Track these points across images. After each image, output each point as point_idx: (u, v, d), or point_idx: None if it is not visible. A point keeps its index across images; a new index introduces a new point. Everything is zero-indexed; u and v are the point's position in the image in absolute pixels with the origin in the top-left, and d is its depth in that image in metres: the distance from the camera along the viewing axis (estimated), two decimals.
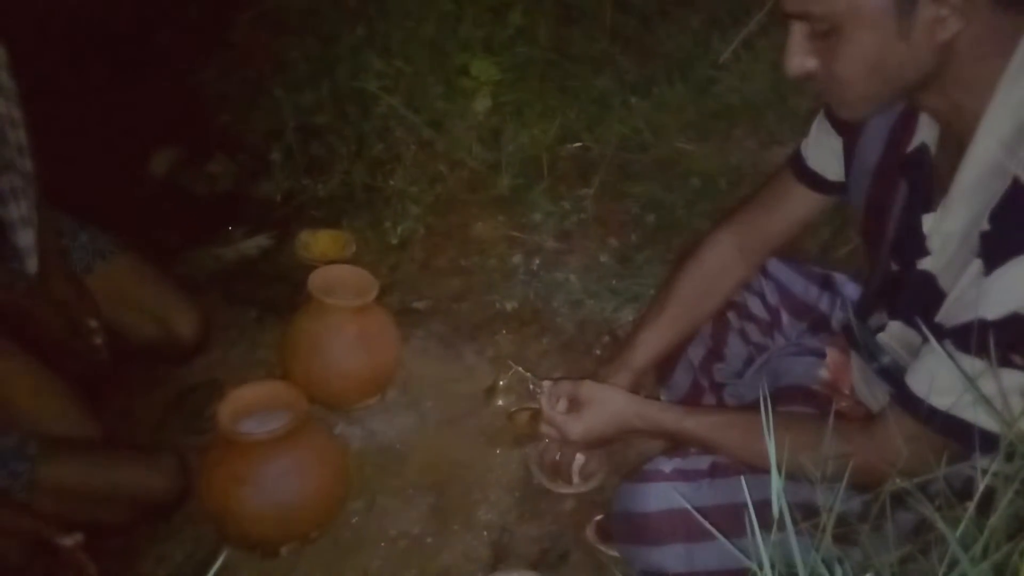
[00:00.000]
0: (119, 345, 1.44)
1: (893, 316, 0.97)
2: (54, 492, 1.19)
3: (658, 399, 1.23)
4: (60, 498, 1.19)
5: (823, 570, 0.66)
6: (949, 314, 0.82)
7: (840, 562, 0.67)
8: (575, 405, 1.08)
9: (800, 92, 1.79)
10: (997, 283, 0.76)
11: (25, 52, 1.31)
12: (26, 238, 1.33)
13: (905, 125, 0.93)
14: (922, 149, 0.91)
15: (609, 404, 1.07)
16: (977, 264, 0.78)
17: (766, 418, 0.92)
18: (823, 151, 1.05)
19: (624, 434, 1.10)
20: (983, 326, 0.76)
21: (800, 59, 0.82)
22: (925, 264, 0.89)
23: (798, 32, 0.81)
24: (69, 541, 1.04)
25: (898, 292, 0.96)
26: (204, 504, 1.21)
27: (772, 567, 0.64)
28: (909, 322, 0.92)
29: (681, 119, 1.83)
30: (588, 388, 1.08)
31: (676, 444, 1.13)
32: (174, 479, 1.25)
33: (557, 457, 1.24)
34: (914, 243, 0.91)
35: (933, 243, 0.88)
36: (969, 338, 0.77)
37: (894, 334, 0.96)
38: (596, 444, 1.12)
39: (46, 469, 1.19)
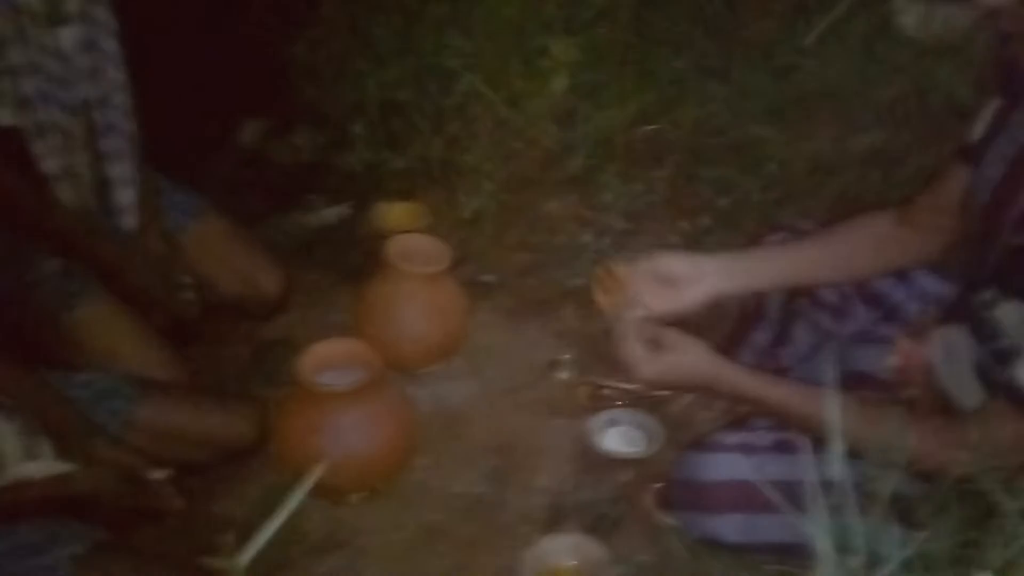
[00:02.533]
0: (207, 299, 1.53)
1: (1012, 295, 0.94)
2: (145, 430, 1.27)
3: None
4: (150, 437, 1.27)
5: (879, 549, 0.67)
6: None
7: (900, 544, 0.67)
8: (655, 346, 1.06)
9: (884, 82, 1.75)
10: None
11: (128, 20, 1.39)
12: (127, 196, 1.42)
13: None
14: None
15: (690, 355, 1.06)
16: None
17: (855, 405, 0.93)
18: (980, 118, 1.03)
19: (694, 390, 1.09)
20: None
21: None
22: None
23: None
24: (158, 475, 1.12)
25: (1018, 270, 0.93)
26: (281, 450, 1.28)
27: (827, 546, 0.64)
28: None
29: (760, 104, 1.81)
30: (674, 335, 1.06)
31: (747, 410, 1.12)
32: (254, 426, 1.33)
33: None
34: None
35: None
36: None
37: (1008, 315, 0.93)
38: (662, 389, 1.10)
39: (140, 409, 1.27)
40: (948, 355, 1.05)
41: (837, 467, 0.65)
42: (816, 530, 0.63)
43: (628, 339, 1.06)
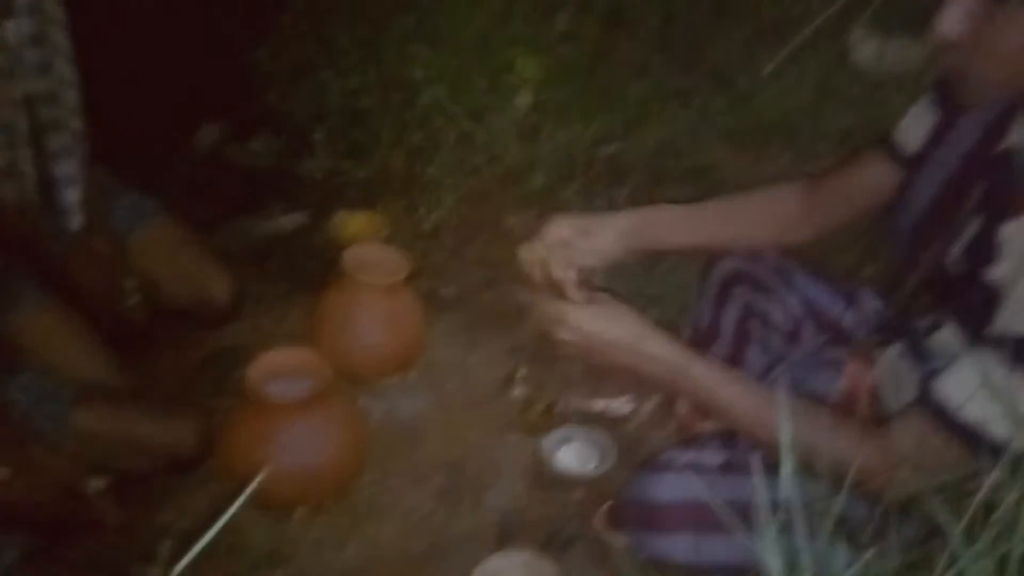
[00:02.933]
0: (155, 305, 1.49)
1: (948, 320, 0.95)
2: (86, 437, 1.23)
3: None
4: (90, 443, 1.24)
5: (827, 570, 0.68)
6: (1003, 325, 0.81)
7: (847, 565, 0.67)
8: (585, 301, 1.05)
9: (839, 112, 1.80)
10: None
11: (82, 15, 1.36)
12: (72, 196, 1.38)
13: (1000, 125, 0.92)
14: (1011, 152, 0.90)
15: (620, 315, 1.04)
16: None
17: (780, 407, 0.93)
18: (913, 123, 1.04)
19: (616, 354, 1.04)
20: None
21: (958, 23, 0.80)
22: (993, 273, 0.87)
23: None
24: (96, 484, 1.08)
25: (957, 296, 0.95)
26: (226, 461, 1.25)
27: (777, 566, 0.65)
28: (964, 328, 0.90)
29: (719, 128, 1.84)
30: (606, 297, 1.06)
31: (700, 430, 1.12)
32: (198, 435, 1.30)
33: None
34: (985, 249, 0.89)
35: (1006, 253, 0.87)
36: (1016, 352, 0.76)
37: (946, 339, 0.94)
38: (584, 349, 1.05)
39: (81, 414, 1.23)
40: (893, 378, 1.07)
41: (787, 486, 0.65)
42: (765, 550, 0.63)
43: (560, 295, 1.05)
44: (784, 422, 0.93)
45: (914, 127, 1.04)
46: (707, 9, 1.98)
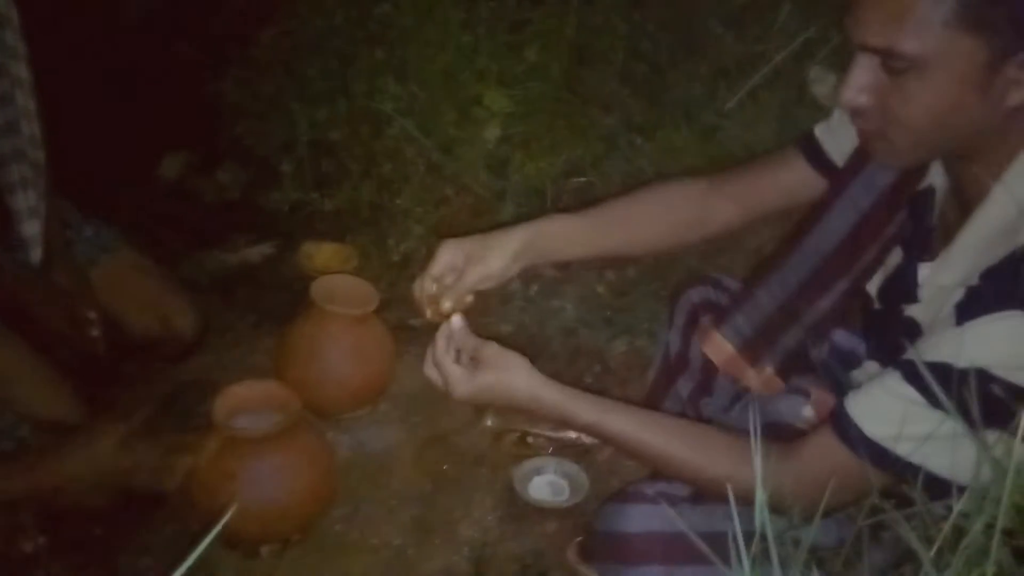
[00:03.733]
0: (118, 339, 1.46)
1: (870, 356, 0.98)
2: (39, 474, 1.19)
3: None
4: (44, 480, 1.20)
5: None
6: (915, 353, 0.81)
7: None
8: (473, 361, 1.00)
9: None
10: (970, 334, 0.76)
11: (45, 47, 1.34)
12: (32, 228, 1.36)
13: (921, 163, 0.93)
14: (929, 192, 0.92)
15: (508, 377, 0.99)
16: (953, 310, 0.78)
17: (725, 440, 0.94)
18: (838, 136, 1.03)
19: (514, 410, 1.02)
20: (943, 369, 0.75)
21: (859, 93, 0.80)
22: (912, 311, 0.89)
23: (866, 64, 0.79)
24: (28, 548, 1.04)
25: (878, 332, 0.97)
26: (192, 496, 1.22)
27: None
28: (885, 364, 0.91)
29: (684, 162, 1.88)
30: (493, 351, 0.99)
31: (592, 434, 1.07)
32: (160, 469, 1.26)
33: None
34: (905, 288, 0.91)
35: (924, 293, 0.89)
36: (921, 376, 0.76)
37: (870, 374, 0.96)
38: (481, 404, 1.04)
39: (36, 450, 1.19)
40: None
41: (761, 516, 0.65)
42: None
43: (444, 357, 0.99)
44: (660, 442, 0.96)
45: (840, 138, 1.03)
46: (671, 45, 2.03)
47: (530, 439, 1.49)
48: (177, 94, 2.19)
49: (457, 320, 1.01)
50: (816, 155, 1.06)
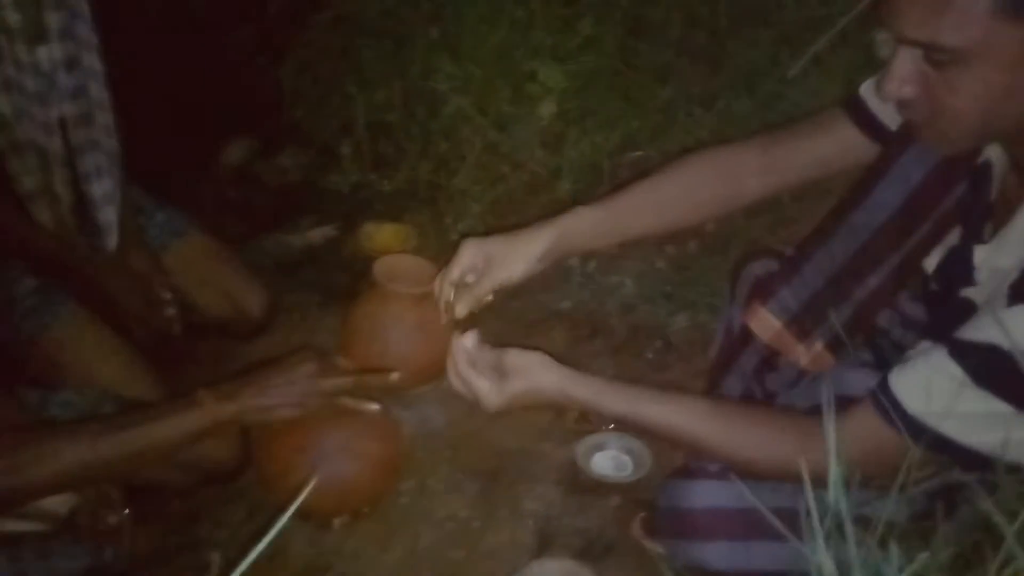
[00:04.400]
0: (189, 320, 1.51)
1: (927, 335, 0.95)
2: None
3: None
4: None
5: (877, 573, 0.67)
6: (966, 332, 0.80)
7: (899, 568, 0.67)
8: (498, 372, 1.01)
9: None
10: (1019, 318, 0.74)
11: (113, 38, 1.38)
12: (108, 215, 1.41)
13: None
14: (986, 166, 0.89)
15: (535, 379, 0.99)
16: (1007, 291, 0.76)
17: (783, 418, 0.92)
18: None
19: (548, 407, 1.04)
20: (990, 349, 0.74)
21: (903, 85, 0.78)
22: (969, 293, 0.87)
23: (908, 57, 0.77)
24: (113, 520, 1.09)
25: (935, 312, 0.94)
26: (264, 472, 1.26)
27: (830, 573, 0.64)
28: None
29: (744, 132, 1.83)
30: (514, 357, 1.00)
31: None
32: (236, 447, 1.31)
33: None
34: (961, 270, 0.89)
35: (981, 275, 0.86)
36: (968, 355, 0.76)
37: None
38: (517, 408, 1.02)
39: None
40: None
41: (836, 491, 0.64)
42: (814, 557, 0.62)
43: (468, 372, 1.00)
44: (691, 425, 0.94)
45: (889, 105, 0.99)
46: (730, 12, 1.98)
47: (592, 415, 1.49)
48: (238, 82, 2.24)
49: (469, 337, 1.02)
50: (863, 116, 1.01)
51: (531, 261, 1.06)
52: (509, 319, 1.72)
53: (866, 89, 1.02)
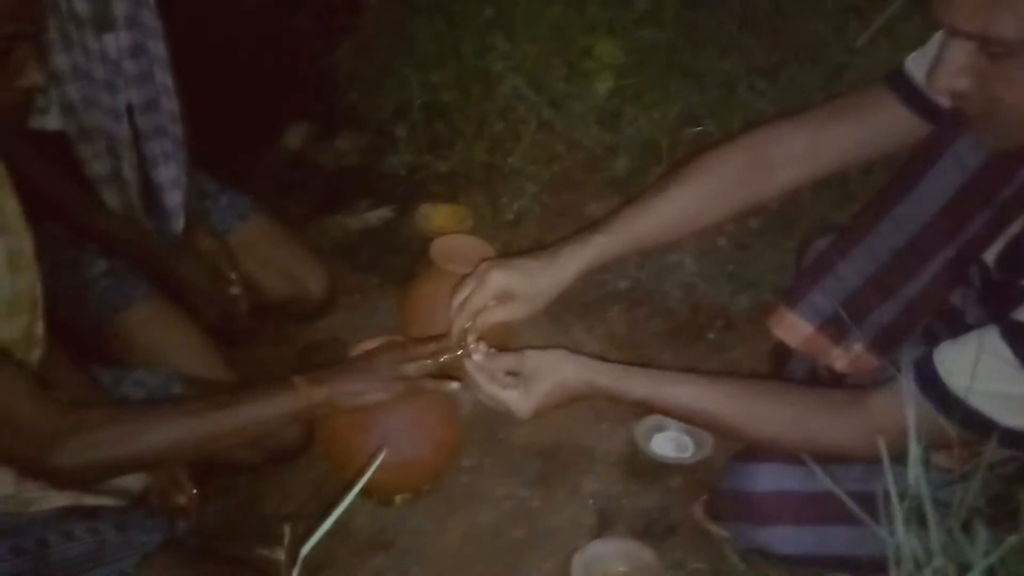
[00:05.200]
0: (253, 301, 1.54)
1: (991, 321, 0.90)
2: None
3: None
4: None
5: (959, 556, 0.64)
6: (1021, 313, 0.77)
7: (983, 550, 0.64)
8: (519, 378, 0.98)
9: None
10: None
11: (174, 24, 1.41)
12: (175, 199, 1.44)
13: None
14: None
15: (558, 374, 0.97)
16: None
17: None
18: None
19: (579, 401, 1.01)
20: None
21: (955, 77, 0.75)
22: None
23: (961, 49, 0.74)
24: (182, 500, 1.12)
25: (995, 303, 0.88)
26: (327, 449, 1.28)
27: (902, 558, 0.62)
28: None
29: (809, 104, 1.77)
30: (532, 359, 0.98)
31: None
32: (300, 426, 1.33)
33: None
34: (1022, 259, 0.84)
35: None
36: (1019, 336, 0.73)
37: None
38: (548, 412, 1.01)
39: None
40: None
41: (913, 471, 0.62)
42: (893, 540, 0.60)
43: (491, 388, 0.98)
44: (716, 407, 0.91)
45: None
46: None
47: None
48: (295, 67, 2.27)
49: (479, 354, 0.99)
50: (910, 93, 0.95)
51: (552, 297, 1.04)
52: (564, 300, 1.68)
53: (913, 63, 0.95)
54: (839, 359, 1.02)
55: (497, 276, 1.00)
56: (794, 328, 1.03)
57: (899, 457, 0.70)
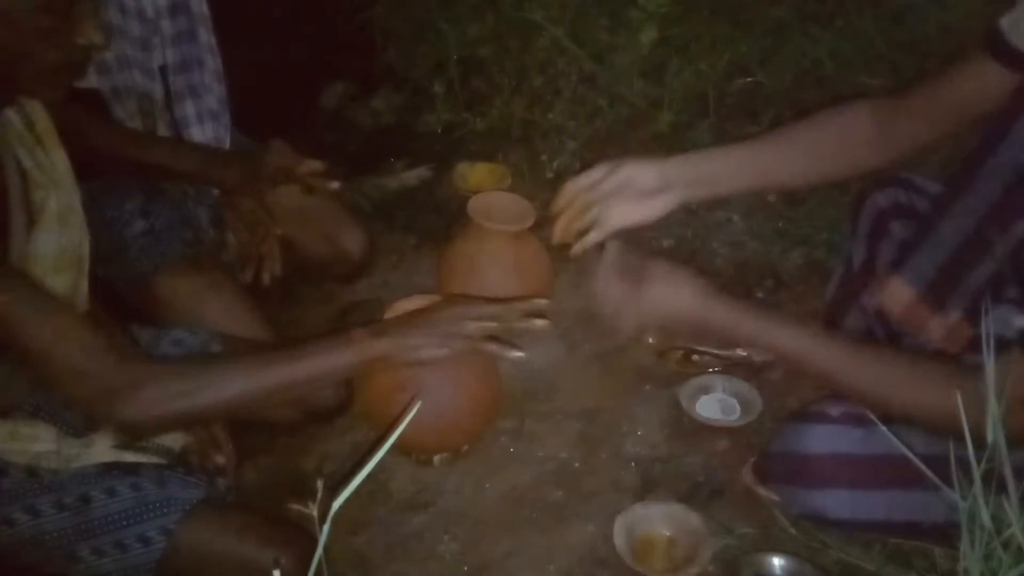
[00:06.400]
0: (292, 260, 1.53)
1: None
2: None
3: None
4: None
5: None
6: None
7: None
8: (636, 281, 0.99)
9: None
10: None
11: None
12: None
13: None
14: None
15: (678, 289, 0.98)
16: None
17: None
18: None
19: (685, 327, 1.01)
20: None
21: None
22: None
23: None
24: (220, 460, 1.11)
25: None
26: (366, 409, 1.27)
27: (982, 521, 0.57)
28: None
29: (868, 51, 1.68)
30: (658, 266, 1.00)
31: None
32: (339, 386, 1.32)
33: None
34: None
35: None
36: None
37: None
38: (650, 328, 1.04)
39: None
40: None
41: (993, 434, 0.57)
42: (966, 506, 0.56)
43: (608, 280, 1.00)
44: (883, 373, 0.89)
45: None
46: None
47: (695, 357, 1.43)
48: (332, 26, 2.23)
49: (613, 247, 1.01)
50: (1006, 54, 0.93)
51: (677, 199, 1.05)
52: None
53: (1008, 23, 0.93)
54: (936, 330, 1.00)
55: (629, 166, 1.04)
56: (899, 295, 1.01)
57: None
